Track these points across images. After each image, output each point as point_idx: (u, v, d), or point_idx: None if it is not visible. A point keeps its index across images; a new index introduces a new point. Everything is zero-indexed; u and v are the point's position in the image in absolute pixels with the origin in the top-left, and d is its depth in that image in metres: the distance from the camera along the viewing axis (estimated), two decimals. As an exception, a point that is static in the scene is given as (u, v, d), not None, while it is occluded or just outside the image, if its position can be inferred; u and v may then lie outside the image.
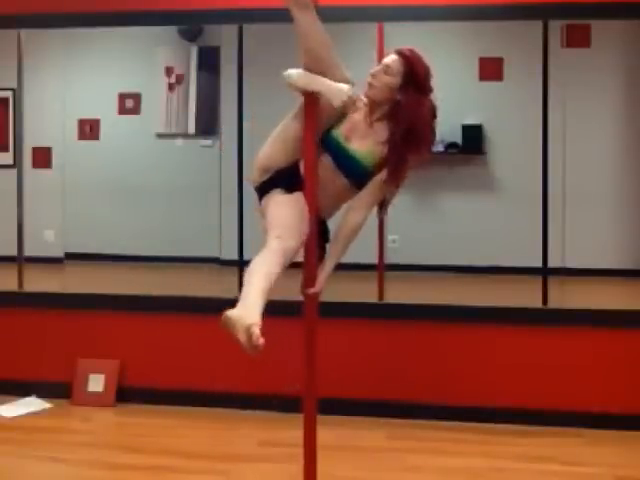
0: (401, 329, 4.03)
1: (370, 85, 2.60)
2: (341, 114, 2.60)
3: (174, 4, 4.20)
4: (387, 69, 2.59)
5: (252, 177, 2.67)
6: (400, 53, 2.62)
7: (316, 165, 2.55)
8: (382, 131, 2.59)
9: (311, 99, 2.51)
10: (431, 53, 4.28)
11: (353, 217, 2.60)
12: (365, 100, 2.62)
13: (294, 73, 2.52)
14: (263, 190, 2.62)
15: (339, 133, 2.61)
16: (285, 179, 2.58)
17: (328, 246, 2.66)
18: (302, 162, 2.57)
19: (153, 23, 4.30)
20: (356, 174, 2.60)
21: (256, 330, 2.07)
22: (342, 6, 3.98)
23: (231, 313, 2.15)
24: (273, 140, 2.64)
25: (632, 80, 4.16)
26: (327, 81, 2.49)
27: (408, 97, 2.58)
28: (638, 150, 4.18)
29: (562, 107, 4.03)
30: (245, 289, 2.26)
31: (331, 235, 2.69)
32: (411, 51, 2.64)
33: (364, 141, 2.59)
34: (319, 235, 2.61)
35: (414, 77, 2.59)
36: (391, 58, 2.61)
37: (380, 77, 2.59)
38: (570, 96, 4.06)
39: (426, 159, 2.68)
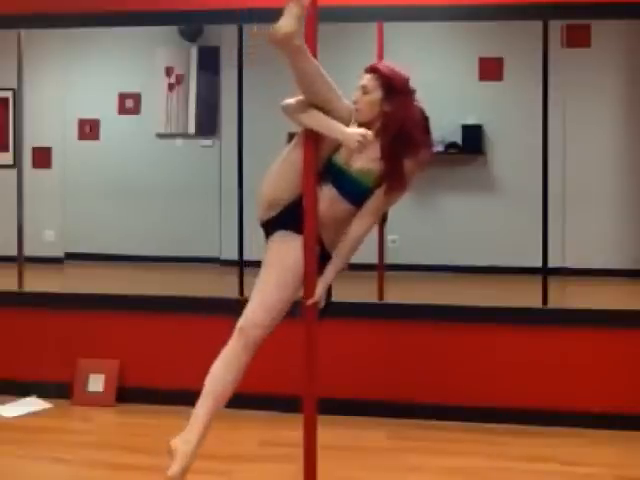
0: (401, 329, 4.04)
1: (357, 110, 2.64)
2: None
3: (174, 4, 4.20)
4: (365, 89, 2.64)
5: (257, 214, 2.69)
6: (371, 69, 2.67)
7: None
8: (377, 148, 2.61)
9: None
10: (431, 53, 4.33)
11: (355, 228, 2.62)
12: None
13: (300, 111, 2.53)
14: (268, 228, 2.66)
15: (340, 158, 2.62)
16: (289, 218, 2.60)
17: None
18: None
19: (153, 23, 4.30)
20: (359, 196, 2.63)
21: (176, 473, 2.50)
22: (342, 6, 3.98)
23: (174, 442, 2.55)
24: (274, 175, 2.66)
25: (632, 80, 4.16)
26: (337, 125, 2.52)
27: (392, 105, 2.62)
28: (638, 150, 4.17)
29: (562, 107, 4.04)
30: (195, 411, 2.58)
31: None
32: (381, 64, 2.72)
33: (361, 160, 2.61)
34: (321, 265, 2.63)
35: (393, 85, 2.63)
36: (365, 78, 2.66)
37: (361, 99, 2.64)
38: (570, 96, 4.06)
39: (426, 160, 2.68)
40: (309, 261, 2.54)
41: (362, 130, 2.52)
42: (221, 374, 2.61)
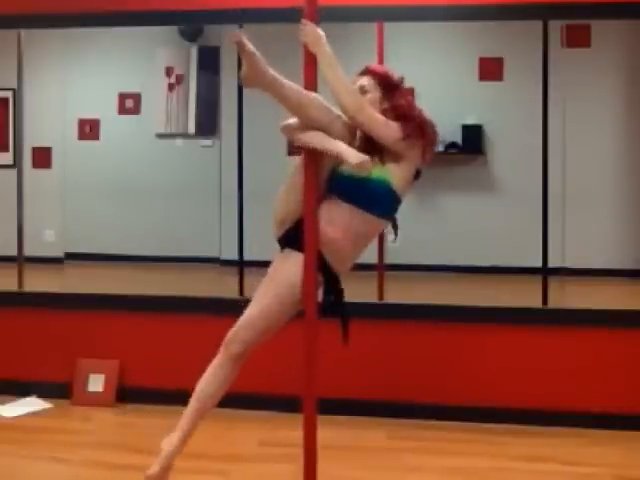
0: (401, 329, 4.03)
1: None
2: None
3: (174, 4, 4.20)
4: (363, 89, 2.63)
5: (272, 230, 2.70)
6: (365, 71, 2.67)
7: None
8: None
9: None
10: (431, 53, 4.33)
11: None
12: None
13: (299, 131, 2.52)
14: (281, 245, 2.67)
15: (346, 169, 2.57)
16: (295, 236, 2.58)
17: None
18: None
19: (153, 23, 4.30)
20: (383, 198, 2.58)
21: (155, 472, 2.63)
22: (342, 6, 3.98)
23: (163, 442, 2.71)
24: (283, 193, 2.65)
25: (632, 80, 4.16)
26: (337, 142, 2.49)
27: (393, 100, 2.62)
28: (638, 150, 4.17)
29: (562, 107, 4.04)
30: (182, 418, 2.76)
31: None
32: (374, 65, 2.76)
33: (380, 162, 2.58)
34: (330, 292, 2.62)
35: (390, 81, 2.66)
36: (361, 79, 2.65)
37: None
38: (570, 96, 4.06)
39: (432, 153, 2.68)
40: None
41: (362, 155, 2.48)
42: (204, 387, 2.74)
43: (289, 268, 2.59)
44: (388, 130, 2.52)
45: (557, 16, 3.94)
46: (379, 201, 2.59)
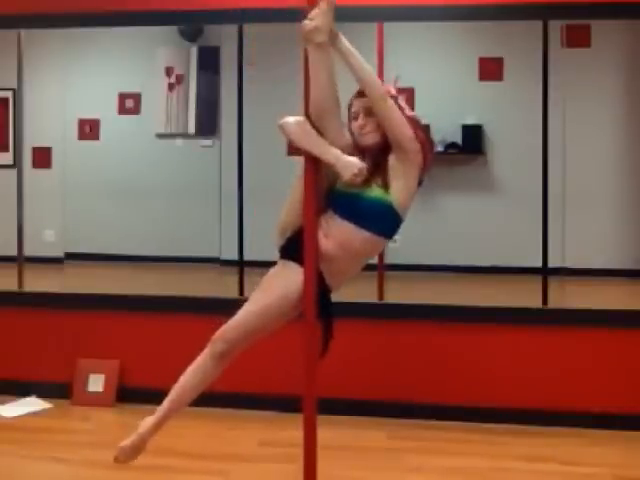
0: (401, 329, 4.03)
1: (365, 135, 2.56)
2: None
3: (174, 4, 4.20)
4: (368, 110, 2.55)
5: (275, 239, 2.68)
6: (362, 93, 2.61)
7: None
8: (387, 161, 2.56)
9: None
10: (431, 53, 4.33)
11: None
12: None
13: (297, 131, 2.49)
14: (281, 253, 2.65)
15: (344, 184, 2.53)
16: (293, 247, 2.56)
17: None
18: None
19: (153, 23, 4.30)
20: (382, 216, 2.56)
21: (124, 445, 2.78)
22: (342, 6, 3.95)
23: (141, 422, 2.78)
24: (287, 202, 2.63)
25: (632, 80, 4.16)
26: (333, 150, 2.46)
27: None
28: (638, 150, 4.17)
29: (562, 107, 4.04)
30: (163, 404, 2.85)
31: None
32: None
33: (381, 182, 2.53)
34: (320, 307, 2.57)
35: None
36: (362, 101, 2.57)
37: (369, 121, 2.56)
38: (570, 96, 4.07)
39: (431, 162, 2.65)
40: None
41: (359, 162, 2.46)
42: (184, 380, 2.79)
43: (287, 277, 2.58)
44: (404, 126, 2.49)
45: (557, 16, 3.94)
46: (378, 219, 2.55)
